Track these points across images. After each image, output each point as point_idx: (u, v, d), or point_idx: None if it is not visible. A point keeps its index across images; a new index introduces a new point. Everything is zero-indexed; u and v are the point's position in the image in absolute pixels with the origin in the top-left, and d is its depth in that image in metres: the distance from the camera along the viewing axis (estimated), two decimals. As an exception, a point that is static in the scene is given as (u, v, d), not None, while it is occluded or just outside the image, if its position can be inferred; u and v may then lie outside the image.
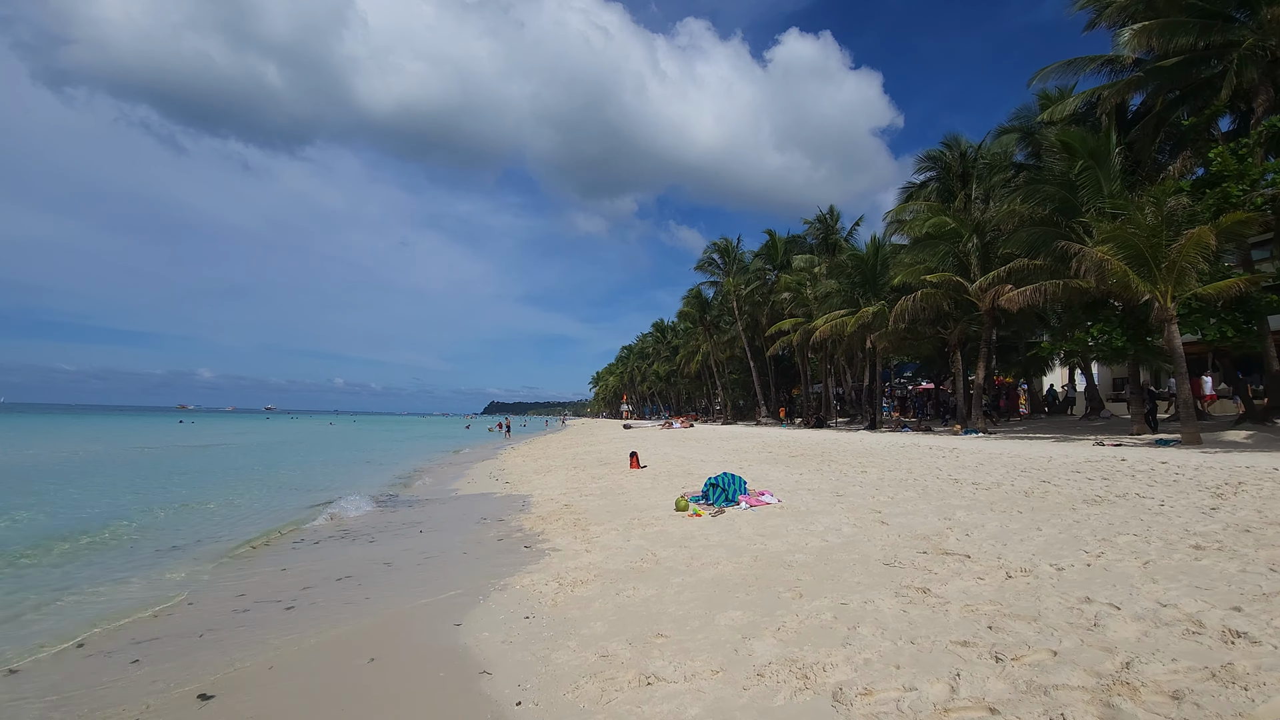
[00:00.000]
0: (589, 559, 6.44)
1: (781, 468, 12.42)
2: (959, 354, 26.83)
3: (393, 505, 11.89)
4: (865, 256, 30.72)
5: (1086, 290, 18.34)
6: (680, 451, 18.08)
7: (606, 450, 21.69)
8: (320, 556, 7.37)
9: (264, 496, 13.28)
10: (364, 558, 7.14)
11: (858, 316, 28.95)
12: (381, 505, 11.85)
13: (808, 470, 11.56)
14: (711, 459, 15.33)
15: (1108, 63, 22.70)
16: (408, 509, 11.32)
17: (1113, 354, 18.35)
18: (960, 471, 9.83)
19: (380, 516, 10.52)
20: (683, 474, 12.66)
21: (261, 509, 11.47)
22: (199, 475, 17.17)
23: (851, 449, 15.33)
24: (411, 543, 8.21)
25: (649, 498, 10.16)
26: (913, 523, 6.45)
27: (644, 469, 14.39)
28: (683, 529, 7.43)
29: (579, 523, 8.51)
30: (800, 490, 9.22)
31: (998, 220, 21.20)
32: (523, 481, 14.36)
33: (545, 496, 11.39)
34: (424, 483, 15.80)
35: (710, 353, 57.27)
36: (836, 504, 7.88)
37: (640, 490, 11.06)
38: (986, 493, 7.64)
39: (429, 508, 11.43)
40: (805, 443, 18.79)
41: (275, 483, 15.60)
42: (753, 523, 7.32)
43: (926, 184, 30.22)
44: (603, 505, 9.86)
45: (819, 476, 10.55)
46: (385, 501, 12.33)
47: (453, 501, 12.16)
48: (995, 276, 20.35)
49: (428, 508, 11.43)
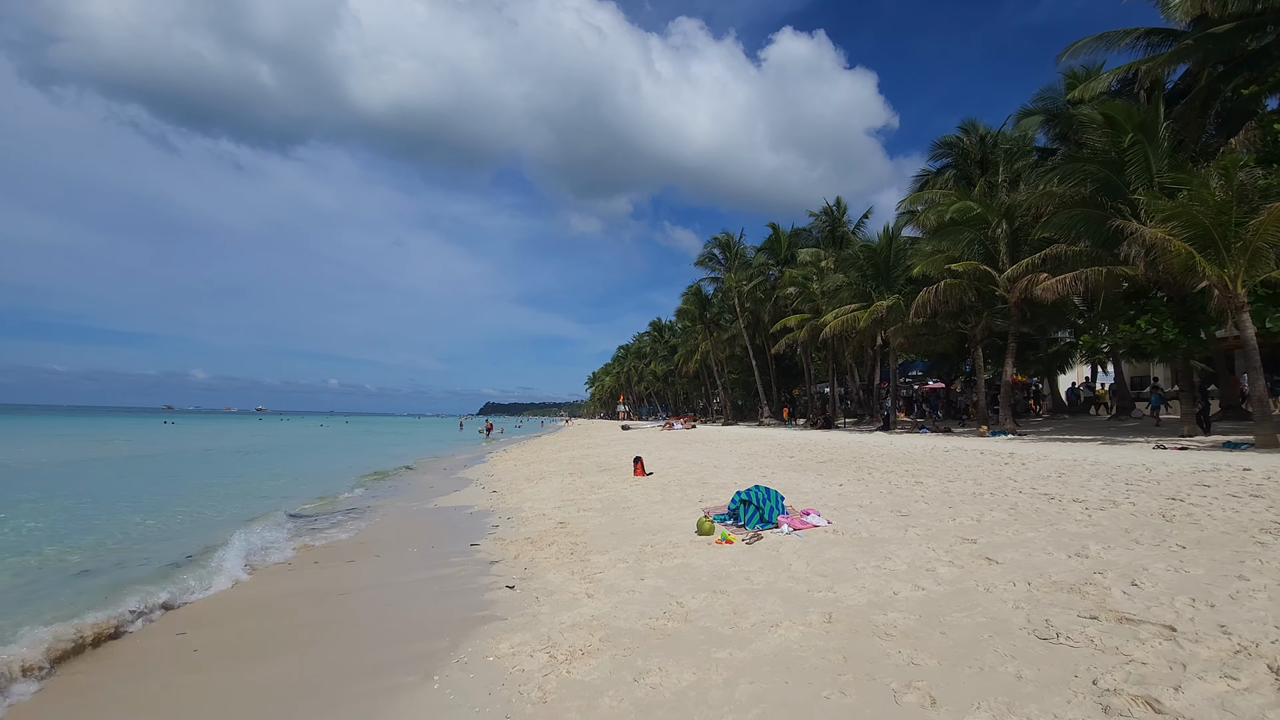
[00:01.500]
0: (591, 609, 4.74)
1: (812, 476, 10.72)
2: (980, 350, 25.21)
3: (340, 522, 10.14)
4: (878, 247, 29.07)
5: (1132, 278, 16.73)
6: (688, 456, 16.36)
7: (605, 454, 19.97)
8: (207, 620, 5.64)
9: (176, 522, 10.04)
10: (271, 626, 5.39)
11: (870, 311, 27.28)
12: (324, 526, 10.10)
13: (847, 480, 9.87)
14: (725, 464, 13.63)
15: (1144, 36, 21.13)
16: (362, 527, 9.58)
17: (1162, 348, 16.73)
18: (1042, 483, 8.13)
19: (322, 544, 8.78)
20: (696, 483, 10.95)
21: (158, 539, 8.70)
22: (122, 492, 13.72)
23: (884, 453, 13.63)
24: (356, 576, 6.47)
25: (661, 514, 8.45)
26: (1033, 560, 4.76)
27: (649, 476, 12.69)
28: (712, 561, 5.73)
29: (577, 549, 6.80)
30: (849, 507, 7.53)
31: (1029, 204, 19.56)
32: (512, 490, 12.65)
33: (536, 511, 9.67)
34: (398, 491, 14.05)
35: (710, 352, 55.57)
36: (906, 528, 6.18)
37: (649, 504, 9.36)
38: (1105, 515, 5.96)
39: (392, 525, 9.69)
40: (826, 446, 17.08)
41: (218, 496, 13.57)
42: (804, 554, 5.63)
43: (943, 171, 28.62)
44: (605, 524, 8.15)
45: (864, 488, 8.86)
46: (334, 518, 10.57)
47: (425, 517, 10.42)
48: (1029, 264, 18.69)
49: (391, 525, 9.68)
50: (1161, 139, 16.35)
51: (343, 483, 15.66)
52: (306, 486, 14.94)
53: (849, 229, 38.84)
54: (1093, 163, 17.22)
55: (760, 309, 45.12)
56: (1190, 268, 13.49)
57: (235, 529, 8.67)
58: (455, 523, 9.54)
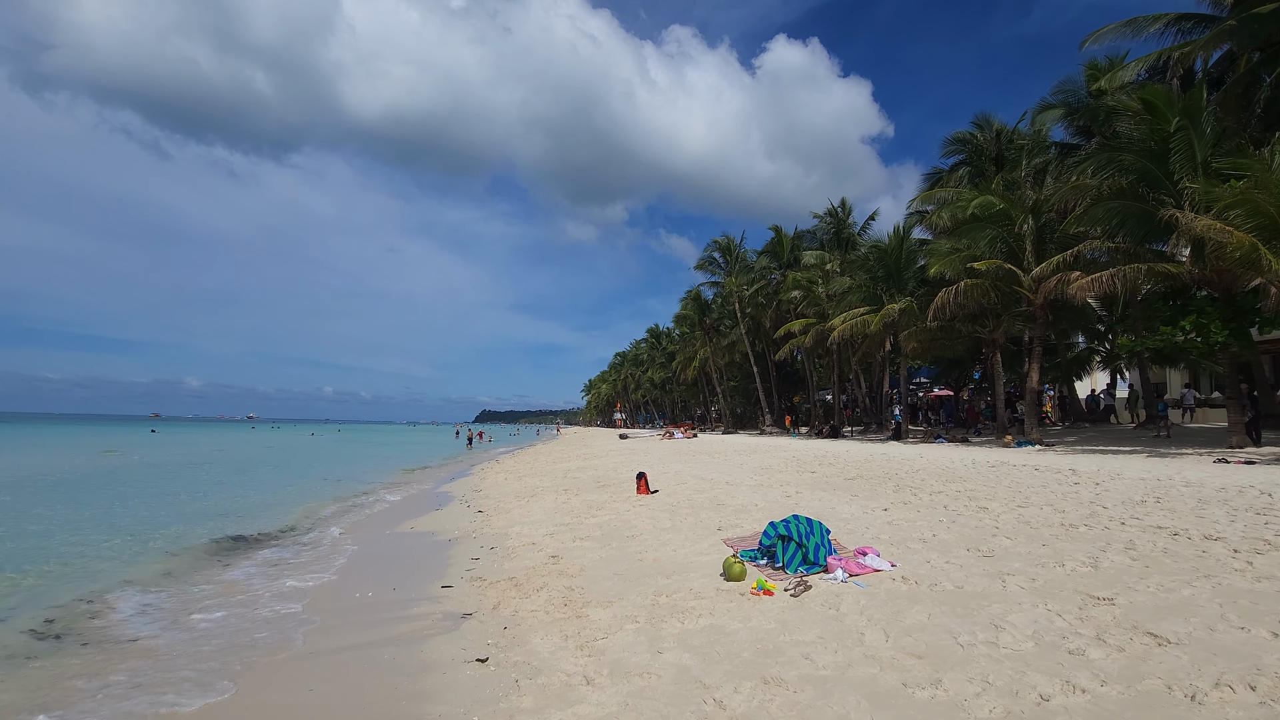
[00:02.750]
0: (592, 706, 3.32)
1: (844, 497, 9.29)
2: (999, 355, 23.90)
3: (287, 556, 8.67)
4: (888, 248, 27.77)
5: (1175, 275, 15.43)
6: (694, 470, 14.91)
7: (603, 466, 18.51)
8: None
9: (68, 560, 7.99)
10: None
11: (882, 314, 25.96)
12: (266, 560, 8.63)
13: (890, 502, 8.43)
14: (739, 481, 12.19)
15: (1175, 21, 19.98)
16: (312, 561, 8.11)
17: (1207, 350, 15.43)
18: (1141, 510, 6.64)
19: (253, 588, 7.32)
20: (710, 505, 9.51)
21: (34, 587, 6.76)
22: (39, 515, 11.62)
23: (917, 468, 12.20)
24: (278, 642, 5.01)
25: (673, 546, 7.02)
26: (1223, 639, 3.33)
27: (654, 495, 11.25)
28: (751, 624, 4.31)
29: (572, 598, 5.37)
30: (909, 542, 6.10)
31: (1057, 199, 18.30)
32: (499, 510, 11.19)
33: (525, 539, 8.22)
34: (371, 510, 12.55)
35: (709, 358, 54.17)
36: (1001, 576, 4.75)
37: (657, 531, 7.92)
38: (1270, 562, 4.56)
39: (353, 557, 8.21)
40: (845, 458, 15.64)
41: (160, 519, 12.10)
42: (874, 615, 4.21)
43: (956, 168, 27.40)
44: (606, 559, 6.72)
45: (918, 515, 7.43)
46: (282, 548, 9.10)
47: (394, 545, 8.95)
48: (1059, 262, 17.38)
49: (351, 557, 8.21)
50: (1206, 126, 15.10)
51: (310, 500, 14.15)
52: (265, 505, 13.43)
53: (854, 230, 37.60)
54: (1130, 152, 15.95)
55: (762, 314, 43.79)
56: (1252, 261, 12.19)
57: (150, 564, 7.20)
58: (428, 554, 8.08)
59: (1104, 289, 16.02)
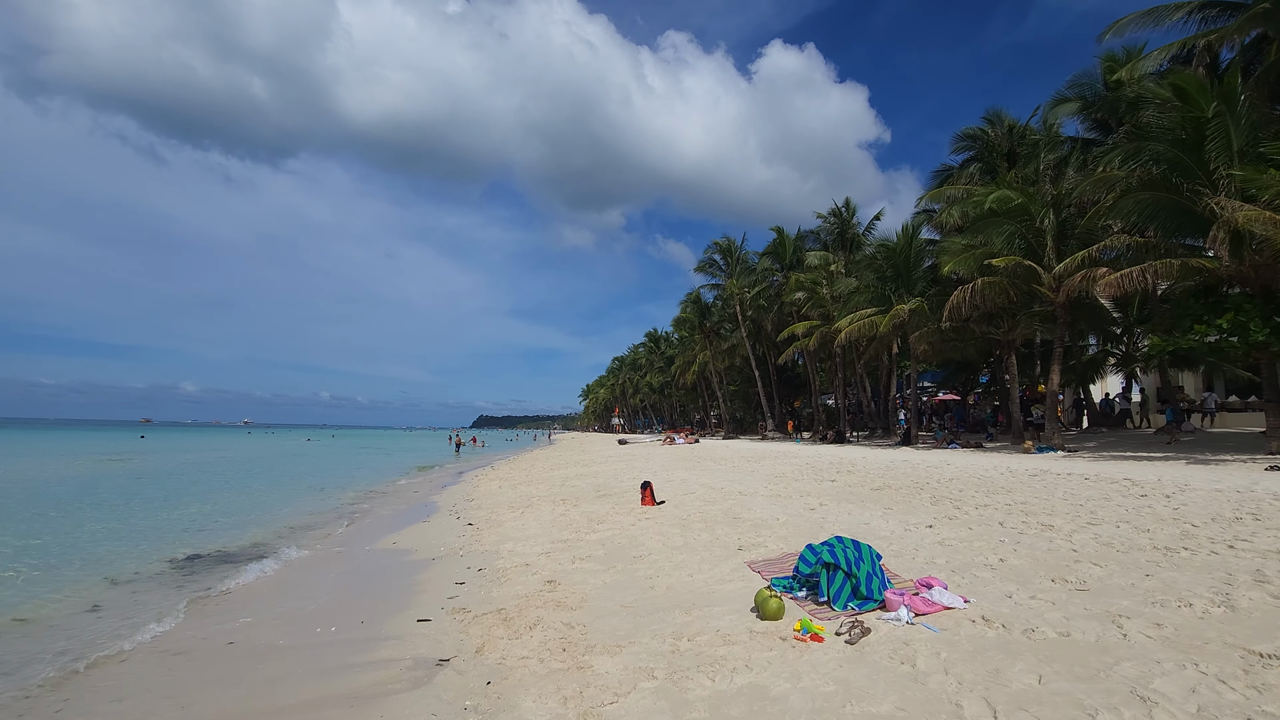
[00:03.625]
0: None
1: (877, 510, 8.31)
2: (1013, 358, 23.01)
3: (243, 577, 7.70)
4: (897, 247, 26.90)
5: (1210, 271, 14.55)
6: (702, 478, 13.93)
7: (604, 473, 17.52)
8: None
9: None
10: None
11: (891, 315, 25.07)
12: (216, 582, 7.65)
13: (933, 517, 7.43)
14: (753, 491, 11.22)
15: (1200, 9, 19.17)
16: (269, 584, 7.12)
17: (1245, 351, 14.51)
18: (1241, 530, 5.59)
19: (190, 624, 6.35)
20: (725, 519, 8.54)
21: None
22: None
23: (947, 476, 11.20)
24: (200, 702, 4.01)
25: (689, 569, 6.05)
26: None
27: (661, 506, 10.28)
28: (802, 685, 3.34)
29: (571, 641, 4.40)
30: (975, 568, 5.13)
31: (1079, 193, 17.43)
32: (491, 523, 10.21)
33: (518, 559, 7.24)
34: (351, 521, 11.50)
35: (709, 362, 53.22)
36: (1111, 617, 3.80)
37: (668, 550, 6.95)
38: None
39: (318, 579, 7.22)
40: (863, 465, 14.64)
41: (114, 535, 11.11)
42: (963, 673, 3.25)
43: (967, 164, 26.56)
44: (611, 586, 5.75)
45: (971, 534, 6.46)
46: (239, 569, 8.10)
47: (369, 565, 7.95)
48: (1084, 258, 16.49)
49: (315, 579, 7.22)
50: (1243, 112, 14.26)
51: (287, 511, 13.13)
52: (237, 517, 12.39)
53: (859, 231, 36.75)
54: (1160, 141, 15.09)
55: (763, 317, 42.89)
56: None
57: (80, 593, 6.18)
58: (407, 576, 7.09)
59: (1134, 285, 15.15)
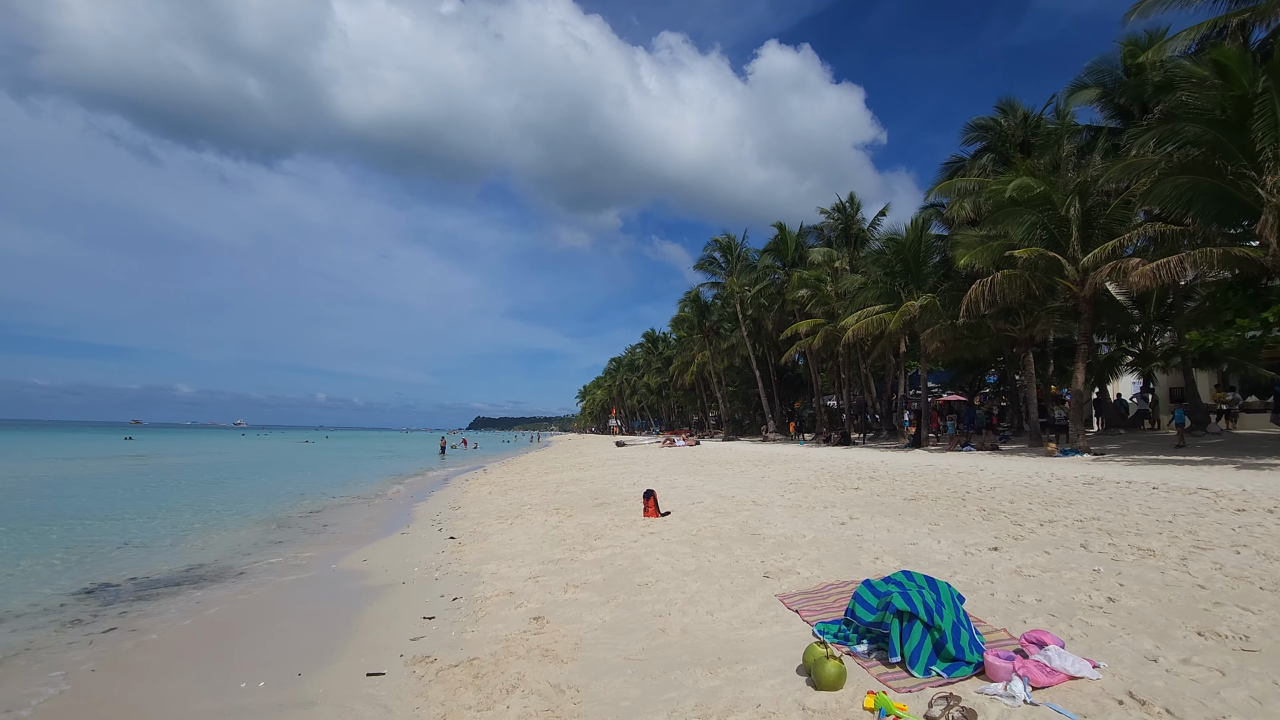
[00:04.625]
0: None
1: (921, 526, 7.17)
2: (1030, 356, 21.99)
3: (162, 609, 6.57)
4: (906, 241, 25.87)
5: (1253, 260, 13.54)
6: (709, 484, 12.81)
7: (601, 478, 16.40)
8: None
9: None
10: None
11: (901, 311, 24.02)
12: (123, 621, 6.52)
13: (996, 538, 6.24)
14: (769, 500, 10.10)
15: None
16: (186, 620, 5.98)
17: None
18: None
19: (64, 683, 5.22)
20: (742, 534, 7.44)
21: None
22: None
23: (984, 484, 10.04)
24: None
25: (706, 602, 4.95)
26: None
27: (665, 517, 9.17)
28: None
29: (558, 717, 3.28)
30: (1075, 610, 4.03)
31: (1107, 178, 16.40)
32: (475, 536, 9.08)
33: (500, 585, 6.12)
34: (316, 534, 10.30)
35: (708, 362, 52.15)
36: None
37: (678, 575, 5.85)
38: None
39: (257, 611, 6.08)
40: (886, 471, 13.48)
41: (31, 552, 9.89)
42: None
43: (979, 155, 25.55)
44: (611, 627, 4.65)
45: (1047, 559, 5.34)
46: (159, 598, 6.97)
47: (322, 592, 6.81)
48: (1114, 248, 15.45)
49: (254, 611, 6.08)
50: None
51: (248, 522, 11.92)
52: (186, 530, 11.17)
53: (864, 227, 35.71)
54: (1197, 122, 14.06)
55: (764, 316, 41.84)
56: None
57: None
58: (367, 606, 5.96)
59: (1170, 277, 14.13)
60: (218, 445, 58.65)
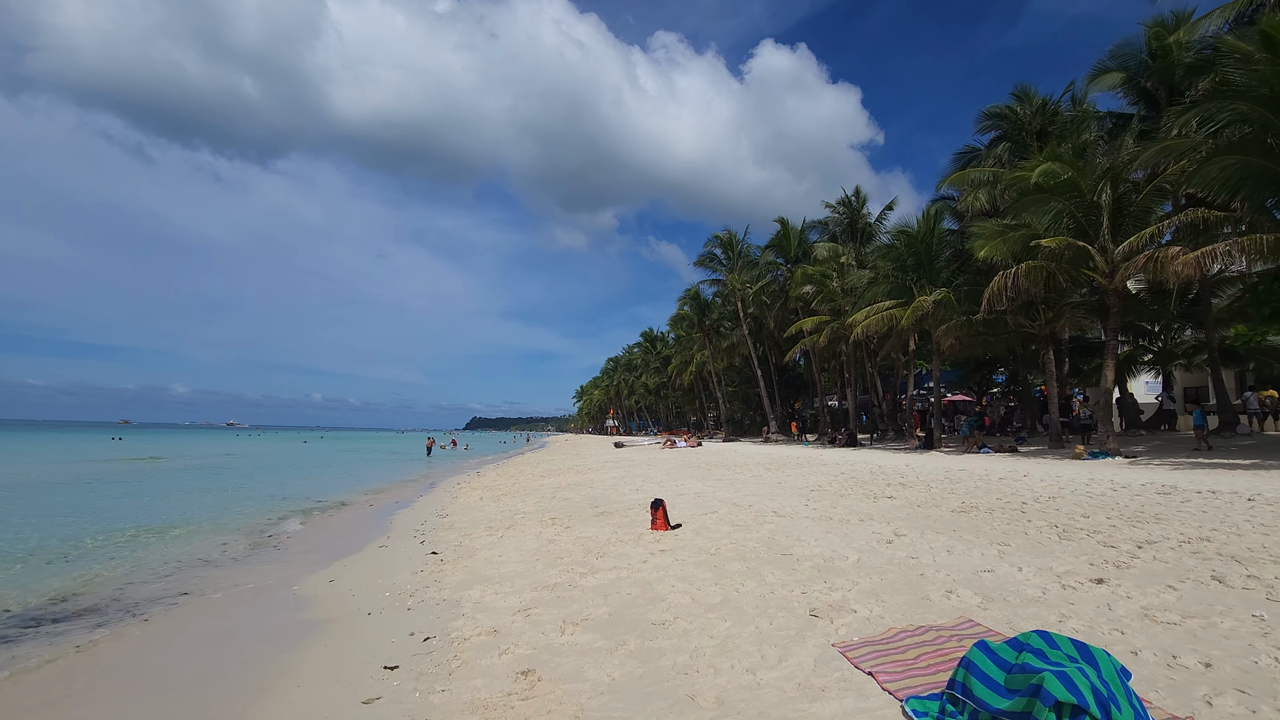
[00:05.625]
0: None
1: (990, 548, 6.03)
2: (1050, 352, 20.97)
3: (56, 652, 5.46)
4: (918, 234, 24.82)
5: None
6: (720, 491, 11.71)
7: (601, 482, 15.29)
8: None
9: None
10: None
11: (913, 307, 22.98)
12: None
13: (1092, 565, 5.07)
14: (792, 509, 9.00)
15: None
16: (77, 676, 4.86)
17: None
18: None
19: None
20: (769, 552, 6.34)
21: None
22: None
23: (1035, 492, 8.94)
24: None
25: (742, 650, 3.86)
26: None
27: (677, 530, 8.08)
28: None
29: None
30: (1253, 684, 2.97)
31: (1140, 163, 15.38)
32: (460, 552, 7.97)
33: (484, 621, 5.01)
34: (283, 547, 9.15)
35: (707, 361, 51.05)
36: None
37: (701, 611, 4.75)
38: None
39: (165, 659, 4.95)
40: (915, 476, 12.34)
41: None
42: None
43: (995, 144, 24.49)
44: (620, 688, 3.54)
45: (1174, 596, 4.21)
46: (58, 634, 5.86)
47: (259, 620, 5.68)
48: (1153, 234, 14.41)
49: (161, 661, 4.95)
50: (1347, 62, 12.23)
51: (203, 532, 10.75)
52: (118, 545, 10.02)
53: (870, 221, 34.69)
54: (1246, 99, 13.03)
55: (765, 313, 40.76)
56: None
57: None
58: (305, 654, 4.84)
59: (1220, 264, 13.10)
60: (210, 445, 57.37)
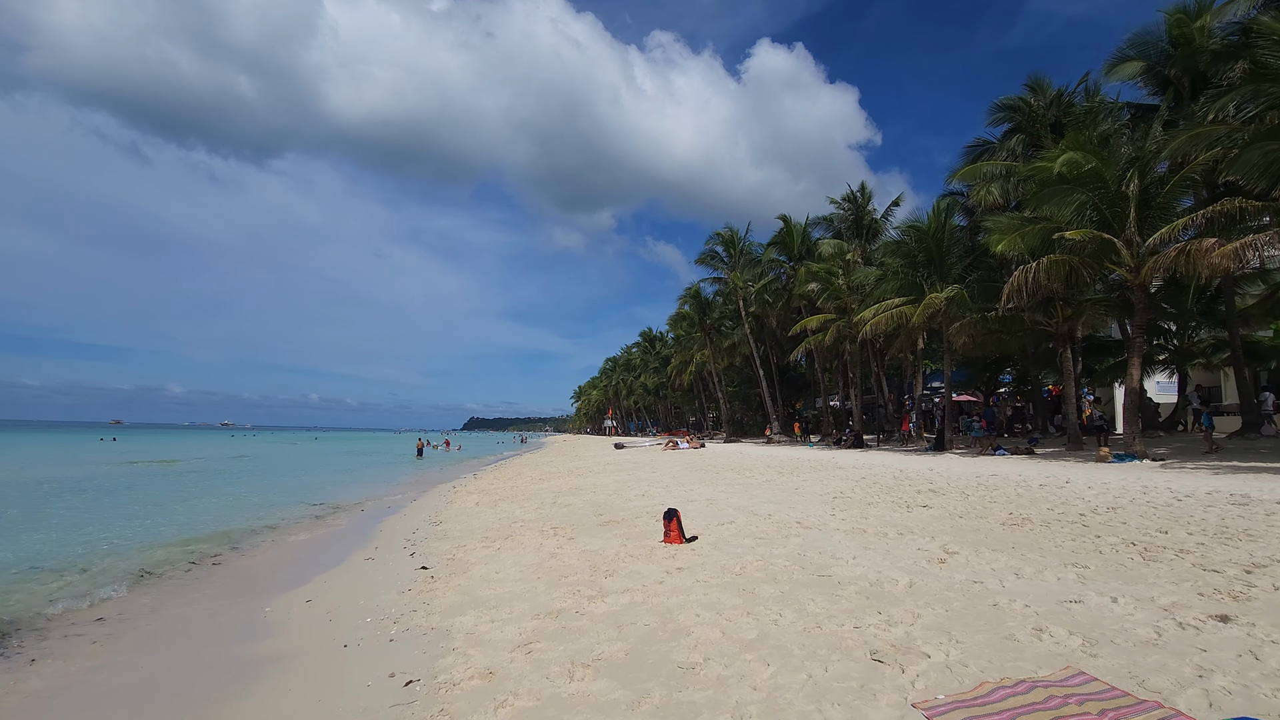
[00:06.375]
0: None
1: (1067, 571, 5.15)
2: (1068, 350, 20.27)
3: None
4: (928, 229, 24.11)
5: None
6: (733, 497, 10.94)
7: (604, 486, 14.51)
8: None
9: None
10: None
11: (924, 304, 22.26)
12: None
13: (1201, 596, 4.23)
14: (818, 520, 8.24)
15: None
16: None
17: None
18: None
19: None
20: (805, 574, 5.58)
21: None
22: None
23: (1088, 502, 8.13)
24: None
25: (794, 704, 3.09)
26: None
27: (693, 543, 7.32)
28: None
29: None
30: None
31: (1173, 149, 14.66)
32: (453, 567, 7.20)
33: (478, 660, 4.24)
34: (250, 561, 8.37)
35: (708, 361, 50.32)
36: None
37: (736, 650, 3.99)
38: None
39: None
40: (944, 482, 11.50)
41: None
42: None
43: (1008, 136, 23.75)
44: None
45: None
46: None
47: (215, 655, 4.90)
48: (1187, 224, 13.69)
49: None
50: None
51: (166, 538, 9.92)
52: (71, 556, 9.24)
53: (876, 218, 33.98)
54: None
55: (767, 312, 40.00)
56: None
57: None
58: (275, 696, 4.07)
59: (1259, 256, 12.39)
60: (202, 446, 56.44)
